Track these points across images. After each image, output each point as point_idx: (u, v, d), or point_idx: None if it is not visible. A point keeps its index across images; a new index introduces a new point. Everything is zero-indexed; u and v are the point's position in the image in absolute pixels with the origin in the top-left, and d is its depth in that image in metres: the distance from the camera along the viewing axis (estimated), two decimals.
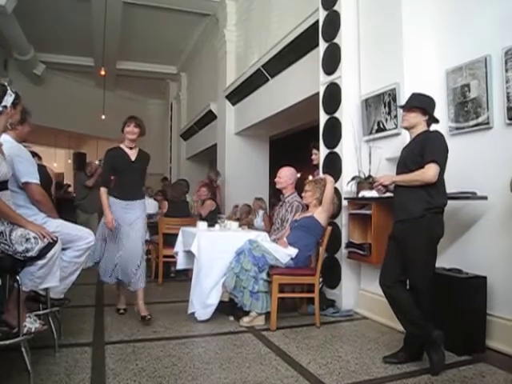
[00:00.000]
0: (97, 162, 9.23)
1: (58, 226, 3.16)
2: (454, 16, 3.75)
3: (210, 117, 9.95)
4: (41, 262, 2.60)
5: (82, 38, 10.20)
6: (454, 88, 3.69)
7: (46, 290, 2.99)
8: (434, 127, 3.15)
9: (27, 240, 2.54)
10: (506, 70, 3.23)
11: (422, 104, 3.06)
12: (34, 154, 4.64)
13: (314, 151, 5.10)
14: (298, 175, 5.61)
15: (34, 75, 11.56)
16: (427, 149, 2.91)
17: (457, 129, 3.66)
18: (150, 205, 8.10)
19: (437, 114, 3.18)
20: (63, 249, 3.11)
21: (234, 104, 8.58)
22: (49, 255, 2.62)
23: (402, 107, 3.24)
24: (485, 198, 3.30)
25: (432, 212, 2.89)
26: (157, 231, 6.09)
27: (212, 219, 5.47)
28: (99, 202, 4.07)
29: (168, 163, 13.89)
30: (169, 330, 3.77)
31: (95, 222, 8.35)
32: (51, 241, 2.65)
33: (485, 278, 3.29)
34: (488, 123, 3.39)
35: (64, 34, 10.12)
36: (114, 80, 12.88)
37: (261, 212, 6.81)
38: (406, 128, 3.15)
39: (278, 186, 4.83)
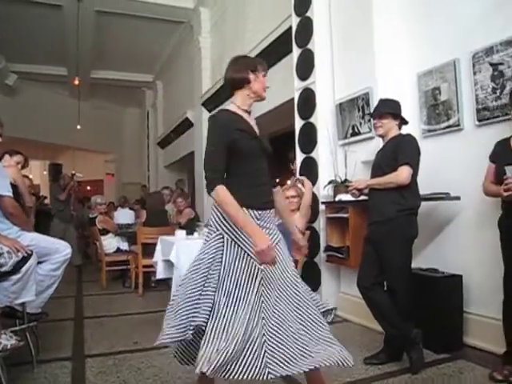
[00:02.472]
0: (74, 171, 9.14)
1: (32, 239, 3.11)
2: (424, 21, 3.82)
3: (186, 124, 9.93)
4: (15, 277, 2.57)
5: (54, 47, 10.10)
6: (426, 91, 3.75)
7: (23, 304, 2.93)
8: (407, 130, 3.22)
9: (0, 255, 2.51)
10: (474, 73, 3.31)
11: (392, 109, 3.12)
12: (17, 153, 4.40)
13: None
14: (277, 180, 5.62)
15: (5, 86, 11.40)
16: (400, 152, 2.97)
17: (429, 131, 3.72)
18: (126, 214, 8.08)
19: (410, 117, 3.25)
20: (39, 262, 3.08)
21: (210, 111, 8.56)
22: (23, 269, 2.59)
23: (372, 115, 3.28)
24: (458, 198, 3.36)
25: (406, 213, 2.95)
26: (135, 241, 6.03)
27: (191, 227, 5.45)
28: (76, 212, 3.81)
29: (146, 172, 13.82)
30: (150, 341, 3.68)
31: (73, 232, 8.31)
32: (25, 255, 2.62)
33: (461, 276, 3.35)
34: (459, 125, 3.46)
35: (36, 44, 10.00)
36: (88, 89, 12.76)
37: None
38: (381, 135, 3.19)
39: None
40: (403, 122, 3.19)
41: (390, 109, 3.12)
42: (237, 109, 2.25)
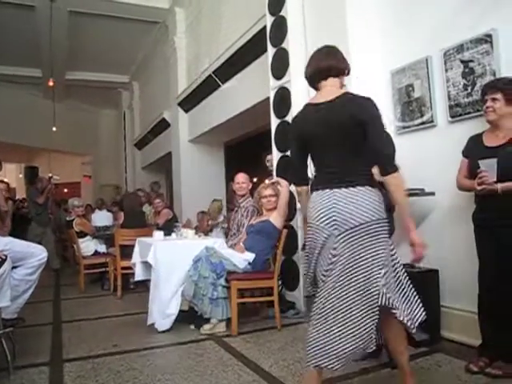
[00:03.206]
0: (52, 174, 9.02)
1: (7, 243, 3.07)
2: (397, 19, 3.87)
3: (163, 125, 9.87)
4: None
5: (28, 48, 9.88)
6: (399, 88, 3.80)
7: None
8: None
9: None
10: (446, 70, 3.37)
11: None
12: None
13: (270, 156, 5.15)
14: (255, 179, 5.64)
15: None
16: None
17: (403, 128, 3.77)
18: (104, 217, 8.02)
19: (384, 114, 3.25)
20: (14, 267, 3.04)
21: (186, 111, 8.54)
22: None
23: None
24: (432, 193, 3.41)
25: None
26: (113, 243, 5.98)
27: (169, 228, 5.42)
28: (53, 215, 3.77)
29: (123, 173, 13.69)
30: (129, 343, 3.71)
31: (50, 236, 8.21)
32: None
33: (437, 270, 3.40)
34: (432, 121, 3.52)
35: (9, 45, 9.76)
36: (64, 91, 12.58)
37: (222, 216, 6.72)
38: None
39: (241, 192, 4.81)
40: None
41: None
42: None
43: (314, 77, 2.32)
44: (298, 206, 2.40)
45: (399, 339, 2.29)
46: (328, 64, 2.28)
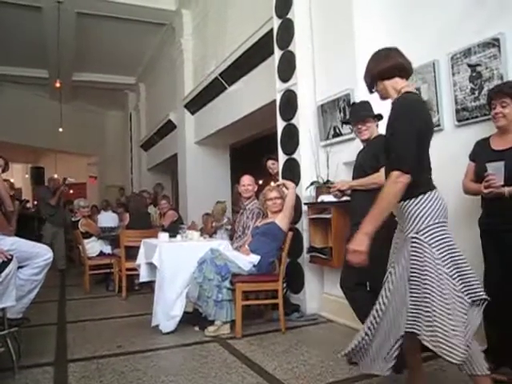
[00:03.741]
0: (55, 176, 9.05)
1: (13, 243, 3.08)
2: (404, 22, 3.85)
3: (169, 127, 9.91)
4: None
5: (35, 49, 9.94)
6: None
7: (3, 310, 2.89)
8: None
9: None
10: (453, 74, 3.35)
11: (372, 111, 3.16)
12: None
13: (272, 162, 5.15)
14: (260, 182, 5.64)
15: None
16: (381, 153, 2.98)
17: None
18: (110, 218, 8.04)
19: None
20: (20, 267, 3.04)
21: (193, 113, 8.57)
22: (3, 274, 2.56)
23: (353, 120, 3.29)
24: None
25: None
26: (118, 244, 5.99)
27: (174, 230, 5.43)
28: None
29: (129, 174, 13.73)
30: (133, 344, 3.71)
31: (62, 236, 8.25)
32: (5, 259, 2.59)
33: None
34: (439, 125, 3.49)
35: (16, 46, 9.85)
36: (70, 92, 12.63)
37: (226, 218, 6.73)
38: (367, 139, 3.21)
39: (246, 195, 4.81)
40: (379, 119, 3.23)
41: (371, 111, 3.16)
42: None
43: (394, 71, 2.41)
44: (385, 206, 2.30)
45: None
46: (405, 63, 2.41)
